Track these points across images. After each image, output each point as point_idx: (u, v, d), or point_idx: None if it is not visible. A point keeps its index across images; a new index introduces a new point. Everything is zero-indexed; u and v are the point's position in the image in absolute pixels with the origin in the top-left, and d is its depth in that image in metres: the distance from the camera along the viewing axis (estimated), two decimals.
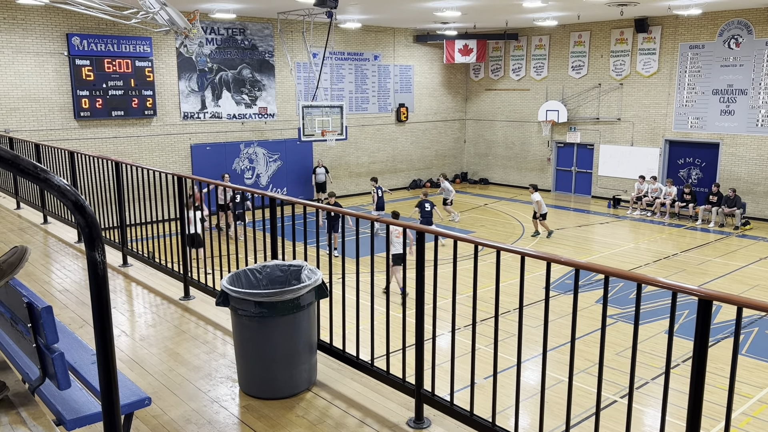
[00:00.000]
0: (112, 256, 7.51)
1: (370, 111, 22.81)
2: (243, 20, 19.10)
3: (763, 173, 18.16)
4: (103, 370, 2.08)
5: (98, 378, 2.09)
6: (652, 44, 19.91)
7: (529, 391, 8.14)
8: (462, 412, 3.82)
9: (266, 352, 4.17)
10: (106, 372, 2.08)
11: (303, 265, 4.52)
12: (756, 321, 10.61)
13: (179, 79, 18.17)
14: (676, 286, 2.76)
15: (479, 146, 25.73)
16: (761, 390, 8.39)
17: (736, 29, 18.12)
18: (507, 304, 8.68)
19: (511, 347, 3.75)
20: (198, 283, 6.11)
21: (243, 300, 4.07)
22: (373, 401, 4.22)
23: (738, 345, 2.61)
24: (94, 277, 1.97)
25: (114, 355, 2.08)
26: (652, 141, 20.40)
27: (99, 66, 16.57)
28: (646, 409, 8.00)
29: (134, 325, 5.64)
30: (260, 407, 4.15)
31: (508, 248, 3.43)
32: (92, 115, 16.65)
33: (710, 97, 18.88)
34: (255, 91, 19.74)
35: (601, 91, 21.46)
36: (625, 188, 21.05)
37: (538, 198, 16.43)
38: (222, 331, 5.38)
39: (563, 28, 22.04)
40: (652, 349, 9.55)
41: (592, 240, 17.01)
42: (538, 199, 16.44)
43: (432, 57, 24.34)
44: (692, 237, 17.04)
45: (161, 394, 4.30)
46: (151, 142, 17.92)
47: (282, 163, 20.63)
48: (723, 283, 12.83)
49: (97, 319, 1.98)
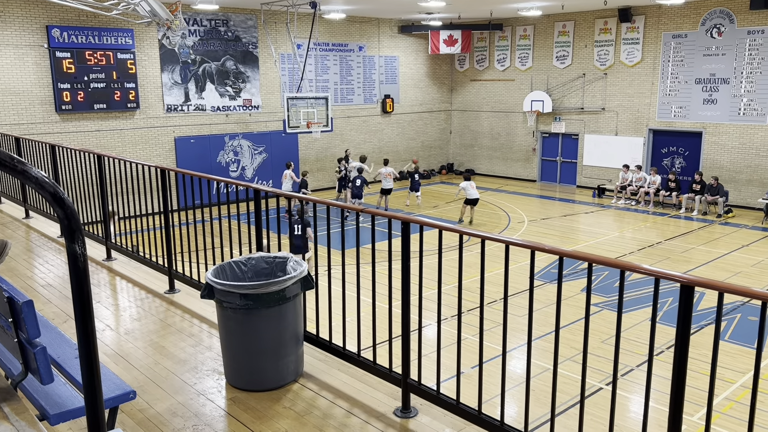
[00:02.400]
0: (96, 250, 7.45)
1: (355, 102, 22.74)
2: (226, 11, 18.92)
3: (744, 162, 18.36)
4: (86, 363, 2.06)
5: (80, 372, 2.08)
6: (636, 34, 20.00)
7: (515, 380, 8.19)
8: (448, 400, 3.84)
9: (252, 344, 4.16)
10: (89, 366, 2.07)
11: (288, 256, 4.51)
12: (738, 307, 10.74)
13: (162, 71, 17.99)
14: (658, 273, 2.78)
15: (465, 137, 25.76)
16: (743, 375, 8.51)
17: (718, 18, 18.25)
18: (494, 293, 8.73)
19: (497, 336, 3.77)
20: (183, 276, 6.08)
21: (228, 292, 4.05)
22: (360, 391, 4.23)
23: (720, 330, 2.64)
24: (75, 269, 1.95)
25: (96, 349, 2.06)
26: (636, 130, 20.53)
27: (80, 58, 16.35)
28: (632, 396, 8.09)
29: (119, 319, 5.60)
30: (247, 399, 4.14)
31: (493, 237, 3.44)
32: (74, 108, 16.44)
33: (693, 86, 19.02)
34: (239, 83, 19.59)
35: (586, 81, 21.55)
36: (609, 177, 21.19)
37: (464, 185, 17.02)
38: (208, 324, 5.36)
39: (547, 18, 22.07)
40: (637, 336, 9.65)
41: (577, 229, 17.12)
42: (463, 187, 17.06)
43: (417, 48, 24.29)
44: (676, 225, 17.20)
45: (147, 388, 4.28)
46: (135, 136, 17.75)
47: (267, 156, 20.53)
48: (706, 271, 12.98)
49: (78, 313, 1.97)
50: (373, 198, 19.55)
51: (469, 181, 17.23)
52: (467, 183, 17.14)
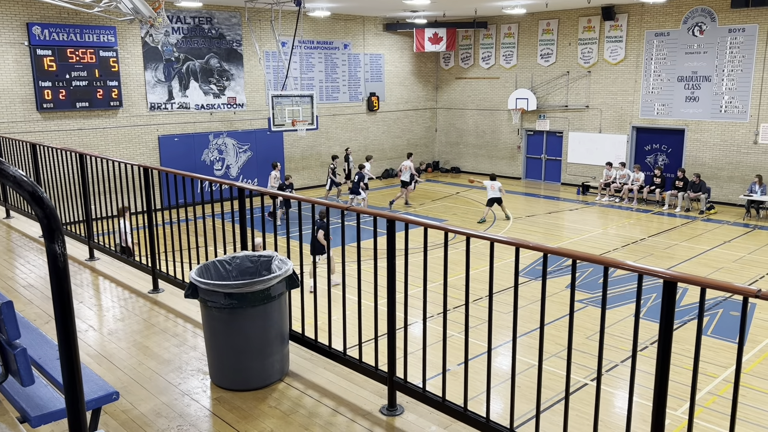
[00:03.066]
0: (79, 250, 7.37)
1: (341, 100, 22.69)
2: (210, 9, 18.79)
3: (726, 159, 18.56)
4: (66, 364, 2.04)
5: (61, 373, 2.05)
6: (619, 32, 20.14)
7: (501, 377, 8.23)
8: (434, 398, 3.84)
9: (237, 343, 4.14)
10: (70, 366, 2.04)
11: (273, 255, 4.49)
12: (721, 303, 10.87)
13: (145, 69, 17.83)
14: (641, 269, 2.80)
15: (450, 135, 25.81)
16: (726, 369, 8.61)
17: (700, 17, 18.42)
18: (480, 291, 8.75)
19: (483, 334, 3.78)
20: (167, 275, 6.03)
21: (212, 292, 4.02)
22: (346, 390, 4.22)
23: (702, 325, 2.66)
24: (55, 269, 1.93)
25: (77, 350, 2.04)
26: (620, 128, 20.69)
27: (61, 56, 16.16)
28: (617, 392, 8.15)
29: (102, 320, 5.54)
30: (232, 399, 4.12)
31: (478, 234, 3.44)
32: (55, 106, 16.25)
33: (675, 84, 19.20)
34: (223, 80, 19.47)
35: (570, 79, 21.66)
36: (593, 175, 21.33)
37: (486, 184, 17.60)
38: (192, 324, 5.32)
39: (532, 16, 22.15)
40: (622, 332, 9.73)
41: (562, 226, 17.22)
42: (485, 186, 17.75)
43: (402, 46, 24.28)
44: (659, 222, 17.36)
45: (131, 389, 4.24)
46: (118, 134, 17.58)
47: (252, 154, 20.43)
48: (689, 266, 13.11)
49: (58, 313, 1.94)
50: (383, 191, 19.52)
51: (493, 181, 17.48)
52: (489, 182, 17.45)
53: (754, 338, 9.67)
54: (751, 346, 9.41)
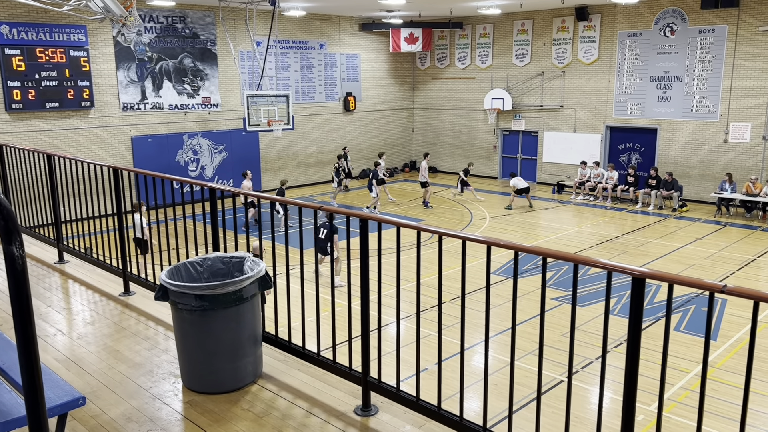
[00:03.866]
0: (48, 252, 7.23)
1: (317, 100, 22.61)
2: (183, 8, 18.59)
3: (697, 157, 18.87)
4: (26, 368, 1.99)
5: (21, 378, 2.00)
6: (593, 32, 20.36)
7: (477, 375, 8.25)
8: (408, 397, 3.83)
9: (209, 345, 4.08)
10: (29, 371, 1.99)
11: (246, 256, 4.44)
12: (693, 299, 11.04)
13: (117, 69, 17.58)
14: (610, 266, 2.82)
15: (427, 135, 25.87)
16: (698, 365, 8.74)
17: (671, 17, 18.70)
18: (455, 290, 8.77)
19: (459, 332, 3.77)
20: (138, 278, 5.94)
21: (183, 293, 3.97)
22: (320, 391, 4.19)
23: (670, 320, 2.69)
24: (12, 272, 1.89)
25: (37, 353, 1.99)
26: (594, 127, 20.91)
27: (31, 55, 15.86)
28: (591, 388, 8.23)
29: (71, 324, 5.44)
30: (204, 402, 4.07)
31: (450, 233, 3.44)
32: (25, 107, 15.94)
33: (648, 84, 19.47)
34: (197, 80, 19.28)
35: (544, 79, 21.85)
36: (568, 174, 21.54)
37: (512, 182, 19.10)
38: (164, 327, 5.24)
39: (506, 16, 22.30)
40: (596, 329, 9.83)
41: (537, 225, 17.35)
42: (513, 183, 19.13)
43: (378, 45, 24.27)
44: (633, 220, 17.59)
45: (100, 393, 4.17)
46: (90, 135, 17.31)
47: (227, 154, 20.26)
48: (662, 264, 13.29)
49: (17, 316, 1.90)
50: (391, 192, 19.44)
51: (515, 177, 19.22)
52: (514, 180, 19.16)
53: (725, 333, 9.83)
54: (722, 341, 9.57)
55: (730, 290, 2.42)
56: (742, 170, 17.99)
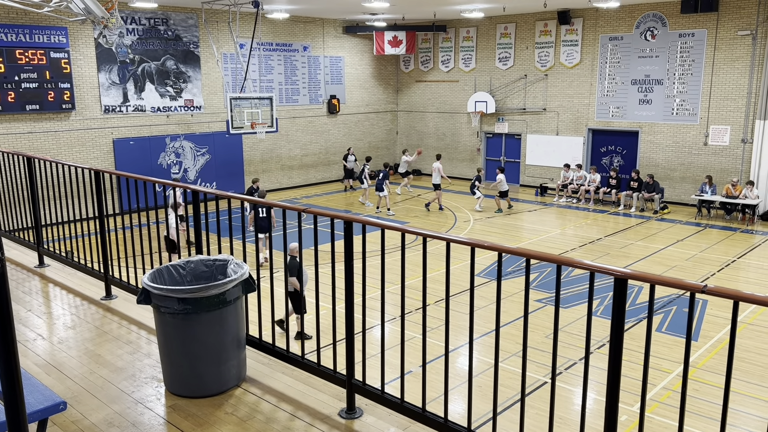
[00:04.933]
0: (27, 256, 7.14)
1: (300, 103, 22.56)
2: (165, 10, 18.47)
3: (678, 160, 19.09)
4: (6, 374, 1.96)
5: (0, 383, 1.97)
6: (575, 36, 20.54)
7: (462, 377, 8.27)
8: (393, 399, 3.83)
9: (192, 349, 4.05)
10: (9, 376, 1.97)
11: (229, 259, 4.42)
12: (674, 300, 11.15)
13: (99, 71, 17.41)
14: (592, 267, 2.84)
15: (411, 137, 25.91)
16: (680, 365, 8.83)
17: (652, 22, 18.92)
18: (440, 292, 8.78)
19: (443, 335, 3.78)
20: (120, 281, 5.88)
21: (165, 297, 3.94)
22: (304, 394, 4.17)
23: (652, 320, 2.72)
24: None
25: (17, 358, 1.96)
26: (576, 130, 21.08)
27: (10, 57, 15.66)
28: (575, 389, 8.28)
29: (52, 328, 5.37)
30: (187, 406, 4.03)
31: (434, 235, 3.45)
32: (4, 109, 15.73)
33: (629, 87, 19.67)
34: (180, 83, 19.15)
35: (527, 82, 21.99)
36: (551, 176, 21.68)
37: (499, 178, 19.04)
38: (146, 331, 5.19)
39: (490, 20, 22.42)
40: (580, 330, 9.89)
41: (521, 227, 17.45)
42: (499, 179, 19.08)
43: (362, 48, 24.28)
44: (615, 222, 17.74)
45: (81, 398, 4.12)
46: (71, 137, 17.12)
47: (210, 157, 20.13)
48: (644, 265, 13.42)
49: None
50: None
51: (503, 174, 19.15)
52: (501, 176, 19.07)
53: (706, 334, 9.95)
54: (703, 342, 9.68)
55: (710, 290, 2.46)
56: (722, 173, 18.23)
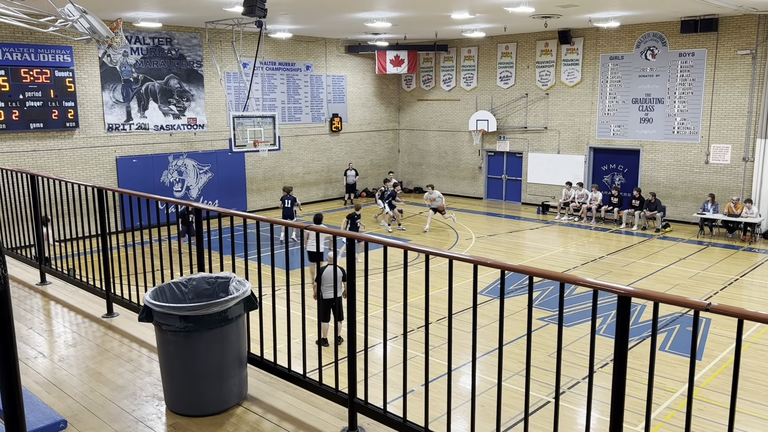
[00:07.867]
0: (30, 274, 7.14)
1: (303, 121, 22.67)
2: (170, 29, 18.65)
3: (680, 178, 19.11)
4: (6, 392, 1.95)
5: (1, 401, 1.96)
6: (575, 55, 20.68)
7: (465, 396, 8.20)
8: (396, 419, 3.80)
9: (193, 367, 4.03)
10: (10, 394, 1.95)
11: (231, 276, 4.41)
12: (678, 318, 11.09)
13: (103, 89, 17.54)
14: (597, 285, 2.83)
15: (413, 156, 26.00)
16: (684, 384, 8.76)
17: (652, 41, 19.06)
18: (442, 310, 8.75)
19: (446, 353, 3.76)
20: (122, 299, 5.87)
21: (167, 314, 3.92)
22: (306, 413, 4.14)
23: (656, 338, 2.70)
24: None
25: (18, 376, 1.95)
26: (578, 148, 21.14)
27: (15, 76, 15.79)
28: (578, 408, 8.20)
29: (53, 346, 5.35)
30: (188, 425, 4.00)
31: (436, 252, 3.44)
32: (8, 127, 15.83)
33: (630, 106, 19.76)
34: (183, 101, 19.27)
35: (528, 101, 22.10)
36: (553, 194, 21.70)
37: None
38: (148, 348, 5.17)
39: (491, 39, 22.60)
40: (583, 349, 9.82)
41: (522, 245, 17.42)
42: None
43: (364, 67, 24.46)
44: (617, 240, 17.71)
45: (81, 417, 4.09)
46: (74, 156, 17.20)
47: (213, 175, 20.20)
48: (647, 283, 13.37)
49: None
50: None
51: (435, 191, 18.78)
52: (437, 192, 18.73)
53: (709, 353, 9.88)
54: (707, 361, 9.61)
55: (714, 308, 2.44)
56: (724, 191, 18.23)
